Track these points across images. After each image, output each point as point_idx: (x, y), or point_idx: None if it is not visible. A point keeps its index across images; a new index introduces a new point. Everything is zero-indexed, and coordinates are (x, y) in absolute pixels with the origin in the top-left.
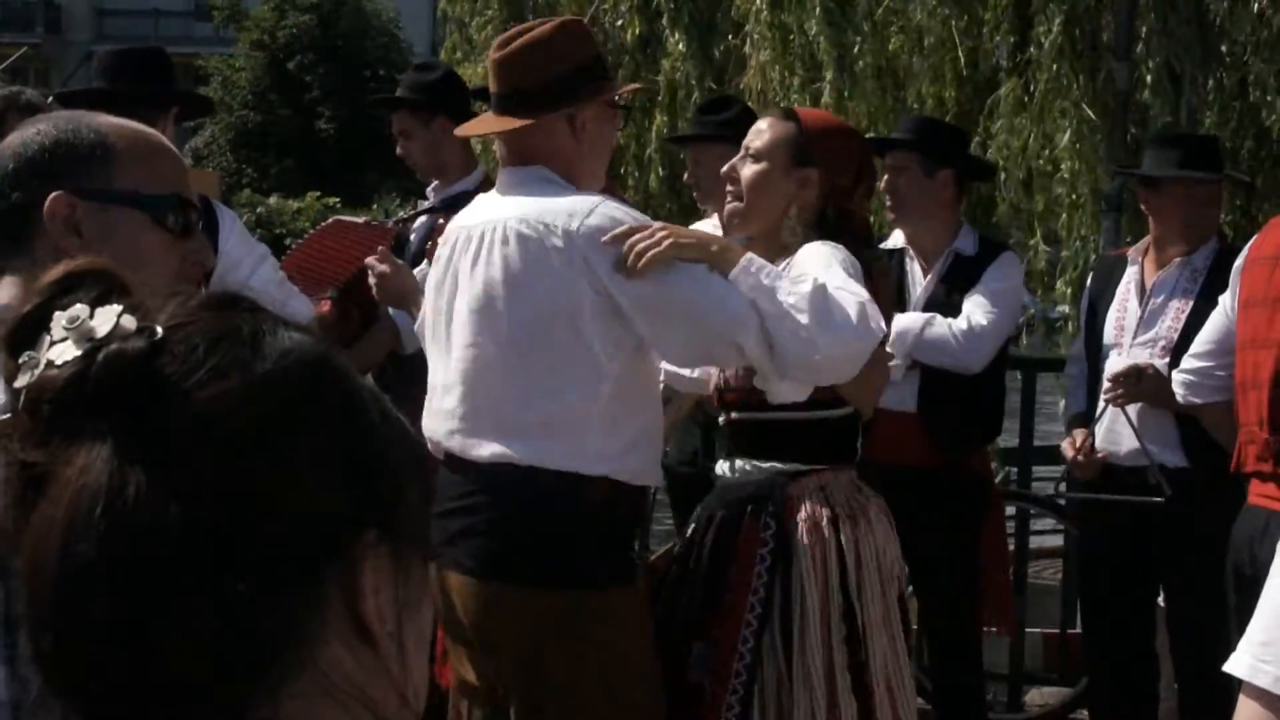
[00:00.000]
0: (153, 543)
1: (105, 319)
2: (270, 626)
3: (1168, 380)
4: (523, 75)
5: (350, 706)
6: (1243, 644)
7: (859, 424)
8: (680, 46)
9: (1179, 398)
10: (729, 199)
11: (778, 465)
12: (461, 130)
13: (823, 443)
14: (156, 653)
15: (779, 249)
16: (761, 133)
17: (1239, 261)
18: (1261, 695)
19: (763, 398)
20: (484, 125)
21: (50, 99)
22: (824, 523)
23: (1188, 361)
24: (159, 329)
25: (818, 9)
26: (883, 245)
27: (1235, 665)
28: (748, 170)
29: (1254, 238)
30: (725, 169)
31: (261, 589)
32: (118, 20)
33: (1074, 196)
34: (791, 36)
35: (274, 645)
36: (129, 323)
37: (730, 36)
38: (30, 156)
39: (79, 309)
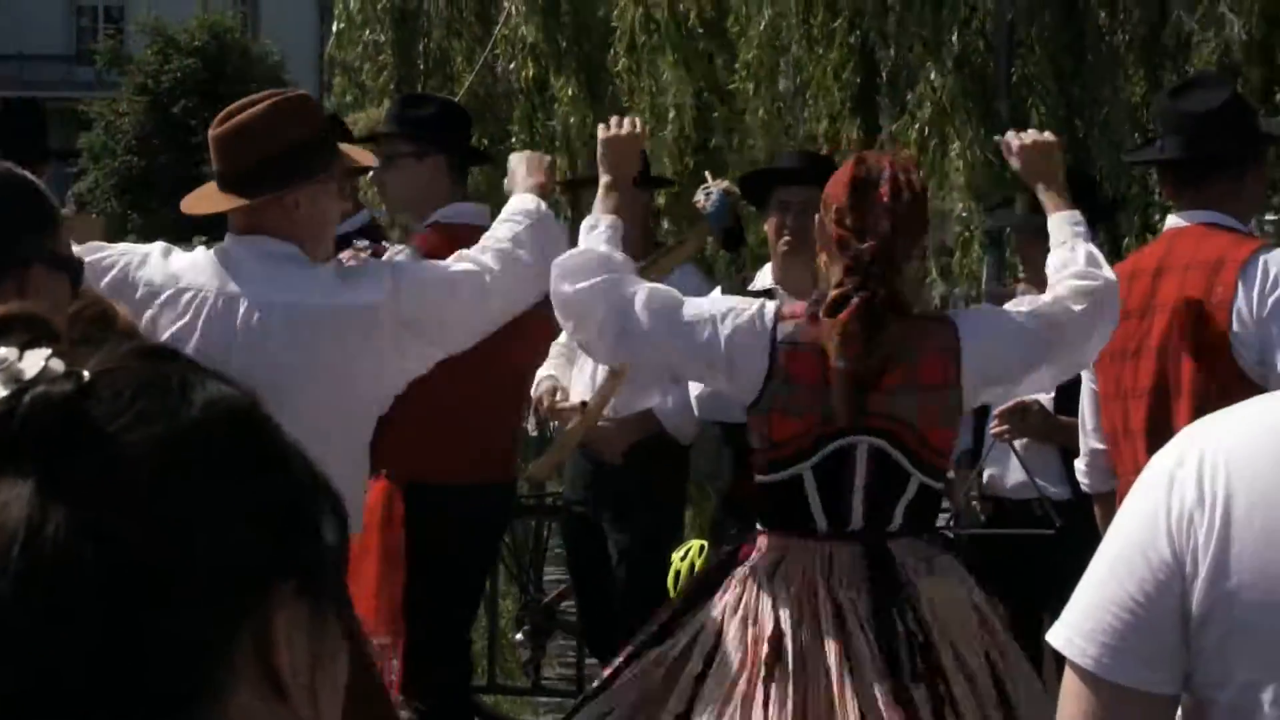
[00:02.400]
0: (69, 582)
1: (33, 362)
2: (182, 671)
3: (1052, 415)
4: (234, 157)
5: None
6: (1063, 616)
7: None
8: (570, 90)
9: (1084, 487)
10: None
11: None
12: (187, 205)
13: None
14: (68, 691)
15: None
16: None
17: None
18: (1074, 668)
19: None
20: (208, 202)
21: None
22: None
23: (1084, 446)
24: (86, 373)
25: (690, 55)
26: (751, 285)
27: (1054, 636)
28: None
29: None
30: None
31: (174, 634)
32: None
33: (966, 234)
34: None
35: (185, 690)
36: (57, 366)
37: (618, 80)
38: None
39: (7, 351)
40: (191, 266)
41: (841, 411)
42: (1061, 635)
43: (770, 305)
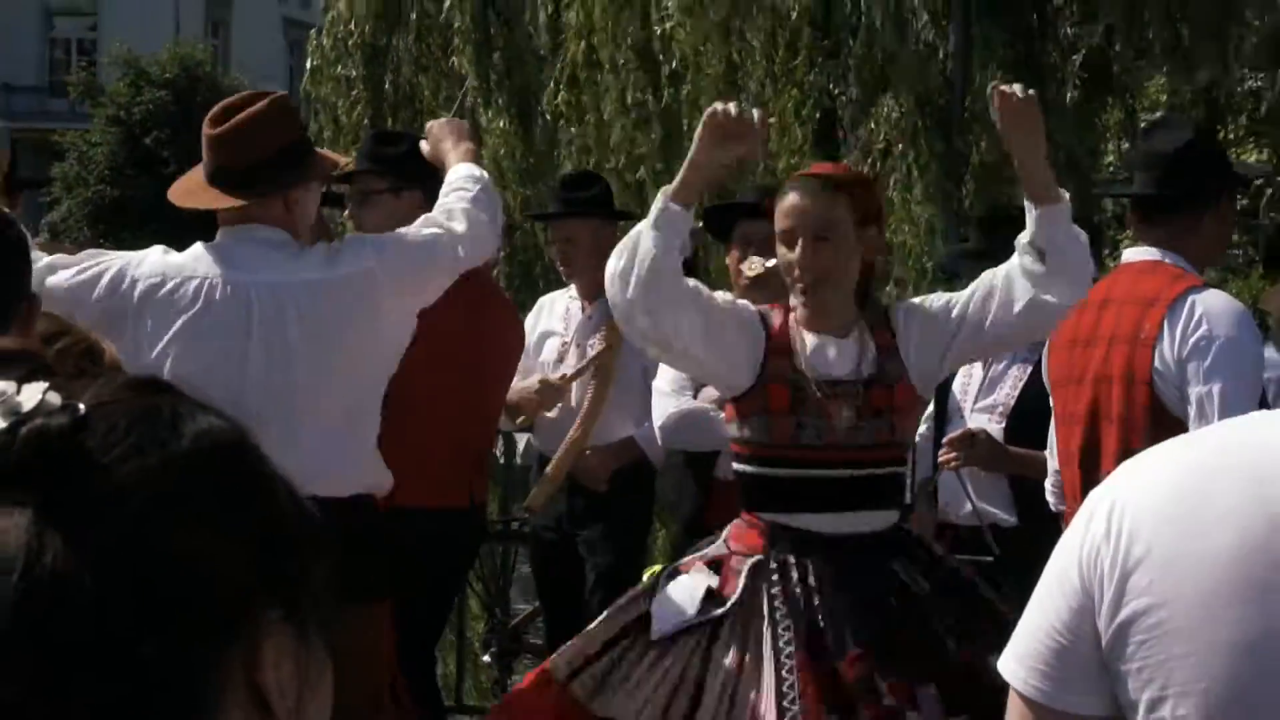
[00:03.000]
0: (66, 607)
1: (31, 395)
2: (175, 694)
3: (1000, 444)
4: (233, 155)
5: None
6: (1008, 648)
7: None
8: (501, 124)
9: (1051, 505)
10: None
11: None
12: (178, 198)
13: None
14: (66, 711)
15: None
16: (795, 210)
17: (1045, 346)
18: (1020, 697)
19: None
20: (205, 198)
21: None
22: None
23: (1050, 467)
24: (82, 406)
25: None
26: None
27: (1002, 665)
28: (804, 253)
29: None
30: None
31: (167, 656)
32: None
33: (923, 265)
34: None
35: (175, 710)
36: (54, 399)
37: (545, 116)
38: None
39: (6, 385)
40: (193, 258)
41: None
42: (1004, 663)
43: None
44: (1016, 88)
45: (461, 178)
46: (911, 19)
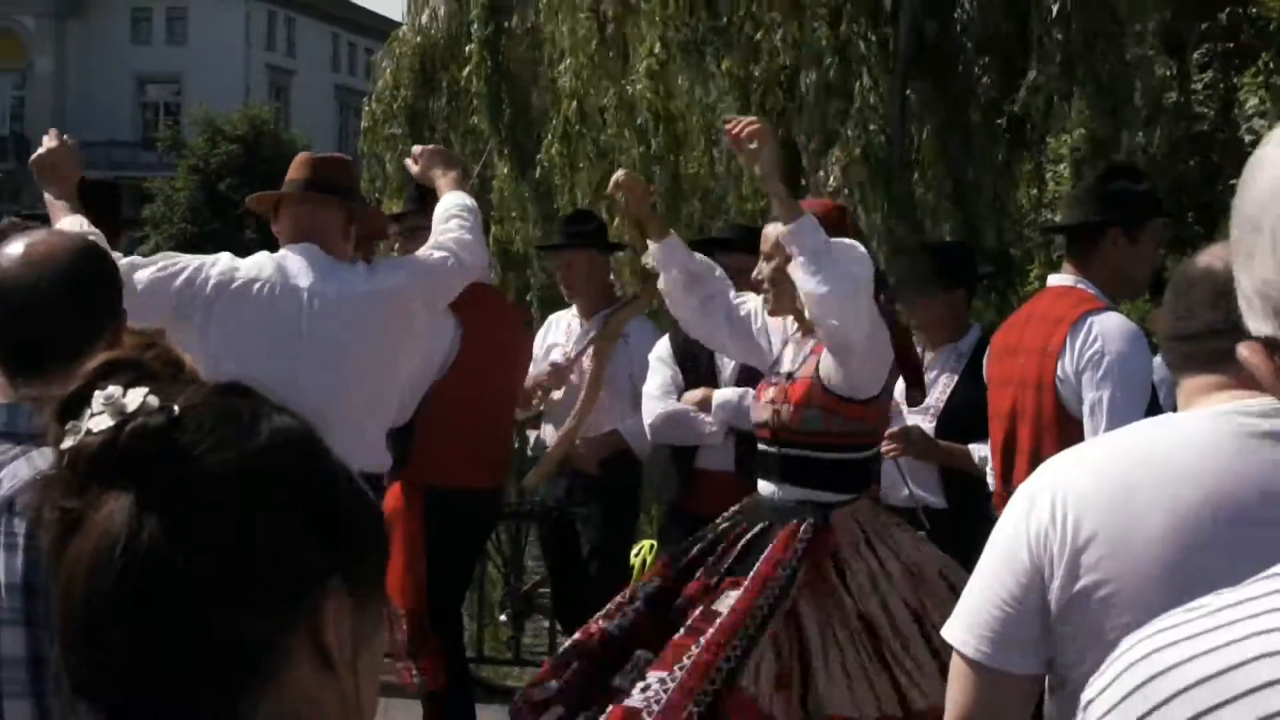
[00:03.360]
0: (160, 578)
1: (134, 398)
2: (251, 649)
3: (931, 439)
4: (322, 172)
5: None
6: (953, 615)
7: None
8: (504, 169)
9: (990, 487)
10: (763, 296)
11: (822, 494)
12: (254, 204)
13: (853, 477)
14: (159, 667)
15: (808, 326)
16: (768, 237)
17: (987, 354)
18: (956, 654)
19: (812, 440)
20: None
21: (14, 219)
22: (859, 540)
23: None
24: (177, 408)
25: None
26: None
27: (946, 631)
28: (766, 268)
29: (995, 334)
30: (753, 275)
31: (245, 619)
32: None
33: None
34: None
35: (253, 664)
36: (153, 401)
37: (548, 163)
38: None
39: (114, 389)
40: (256, 265)
41: None
42: (950, 631)
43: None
44: (744, 119)
45: (456, 206)
46: (858, 83)
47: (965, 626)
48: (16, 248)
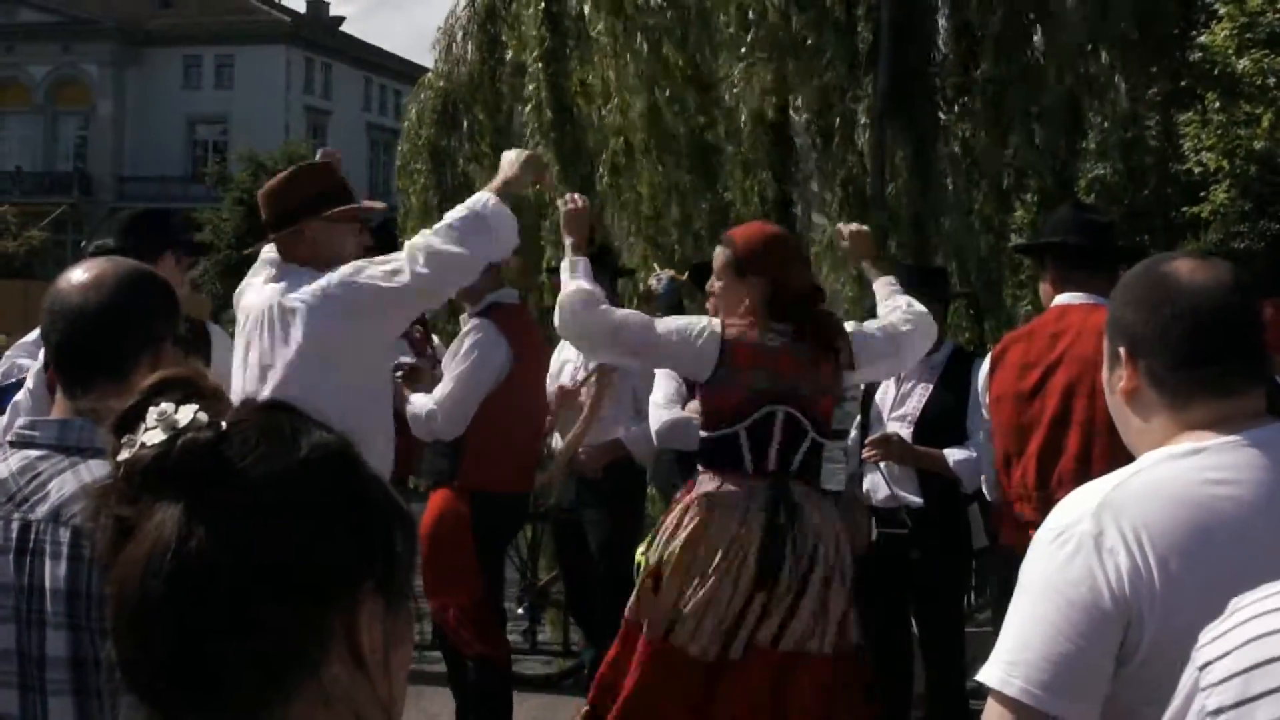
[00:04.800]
0: (208, 582)
1: (186, 414)
2: (289, 648)
3: (910, 444)
4: (264, 210)
5: (343, 715)
6: (993, 657)
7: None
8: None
9: (987, 496)
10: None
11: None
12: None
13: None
14: (205, 663)
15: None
16: (718, 257)
17: (983, 370)
18: (1008, 701)
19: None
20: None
21: (90, 248)
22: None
23: (987, 466)
24: (224, 424)
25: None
26: None
27: (987, 676)
28: (716, 284)
29: (992, 350)
30: (706, 287)
31: (285, 620)
32: (134, 184)
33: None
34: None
35: (291, 664)
36: (203, 418)
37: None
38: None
39: (166, 406)
40: (256, 290)
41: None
42: (997, 676)
43: (715, 320)
44: (853, 225)
45: (461, 205)
46: (839, 122)
47: (1025, 675)
48: (77, 273)
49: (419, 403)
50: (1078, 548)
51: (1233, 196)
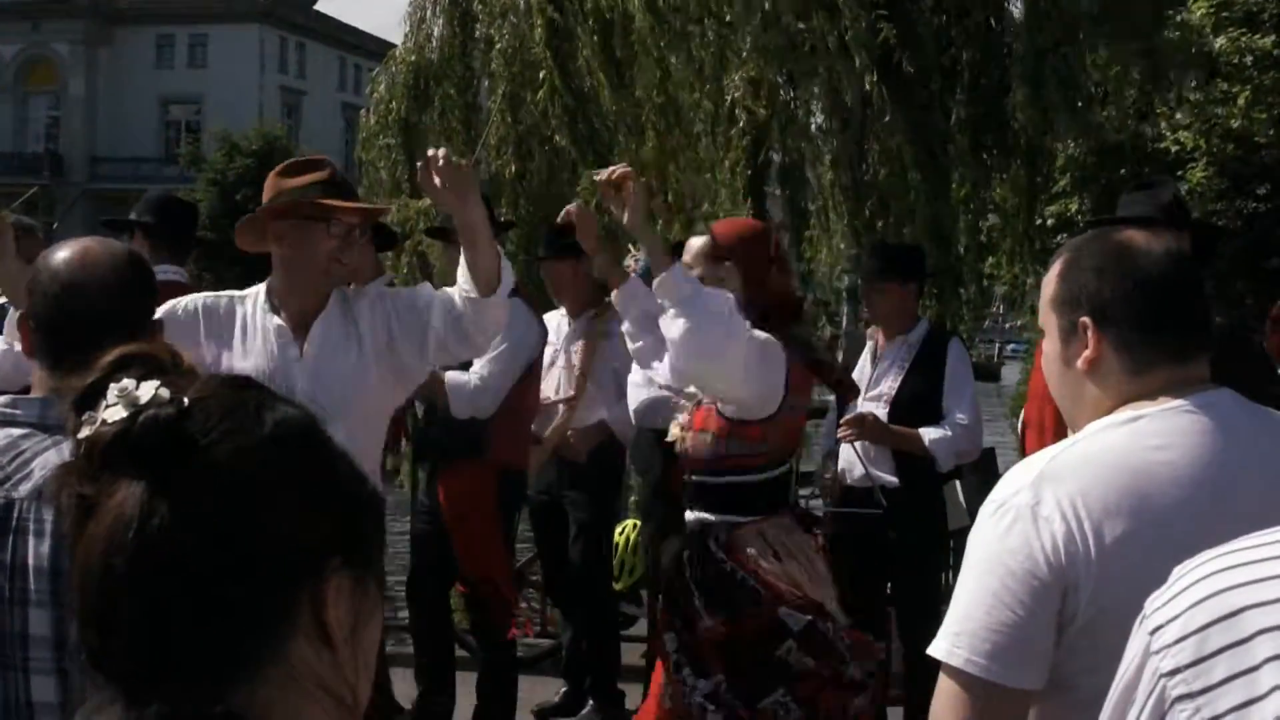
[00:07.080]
0: (170, 560)
1: (147, 390)
2: (255, 626)
3: (884, 424)
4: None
5: (311, 693)
6: (941, 629)
7: (789, 481)
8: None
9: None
10: None
11: (728, 517)
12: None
13: (759, 498)
14: (169, 641)
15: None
16: (691, 248)
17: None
18: (955, 673)
19: (710, 465)
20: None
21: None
22: (766, 555)
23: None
24: (186, 400)
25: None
26: None
27: (935, 648)
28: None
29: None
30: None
31: (250, 597)
32: (106, 165)
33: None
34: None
35: (257, 640)
36: (164, 394)
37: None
38: None
39: (128, 382)
40: (240, 299)
41: None
42: (948, 649)
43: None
44: (614, 167)
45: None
46: (829, 102)
47: (969, 646)
48: (65, 251)
49: (460, 378)
50: (1015, 518)
51: (1210, 175)
